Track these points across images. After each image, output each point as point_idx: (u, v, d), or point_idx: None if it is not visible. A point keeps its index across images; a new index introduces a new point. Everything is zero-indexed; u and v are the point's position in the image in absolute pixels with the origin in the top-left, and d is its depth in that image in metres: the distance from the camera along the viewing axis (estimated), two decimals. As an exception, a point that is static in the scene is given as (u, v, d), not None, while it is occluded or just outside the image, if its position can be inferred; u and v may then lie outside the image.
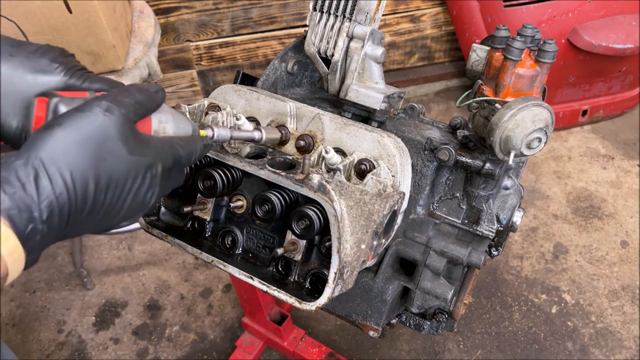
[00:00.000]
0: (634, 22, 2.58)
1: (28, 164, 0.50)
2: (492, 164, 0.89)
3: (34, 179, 0.50)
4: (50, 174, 0.50)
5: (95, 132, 0.54)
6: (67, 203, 0.51)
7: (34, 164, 0.50)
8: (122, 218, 0.59)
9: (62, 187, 0.51)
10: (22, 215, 0.49)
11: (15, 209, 0.48)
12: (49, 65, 0.63)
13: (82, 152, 0.53)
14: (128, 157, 0.56)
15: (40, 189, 0.50)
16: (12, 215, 0.48)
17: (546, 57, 0.82)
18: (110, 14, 1.64)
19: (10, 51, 0.63)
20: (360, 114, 0.97)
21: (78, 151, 0.52)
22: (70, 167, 0.52)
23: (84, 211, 0.54)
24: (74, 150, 0.52)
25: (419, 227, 0.98)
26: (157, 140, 0.61)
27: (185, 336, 2.05)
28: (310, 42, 0.94)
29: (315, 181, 0.73)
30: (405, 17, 2.95)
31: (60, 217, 0.51)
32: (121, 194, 0.57)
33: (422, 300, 0.99)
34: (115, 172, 0.55)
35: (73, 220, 0.53)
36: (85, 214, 0.54)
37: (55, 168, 0.51)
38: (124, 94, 0.59)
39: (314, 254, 0.88)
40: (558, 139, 2.89)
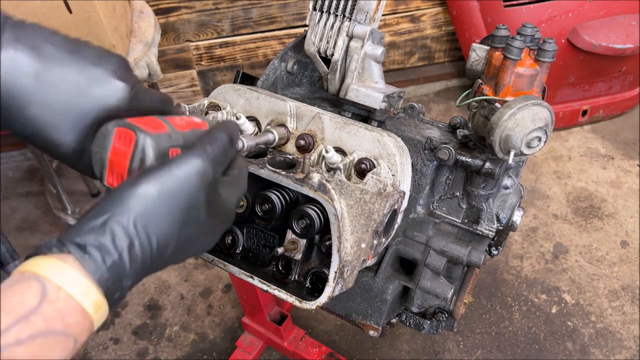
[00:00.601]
0: (634, 22, 2.58)
1: (124, 229, 0.49)
2: (492, 163, 0.89)
3: (128, 247, 0.48)
4: (141, 241, 0.49)
5: (188, 198, 0.52)
6: (148, 267, 0.51)
7: (129, 231, 0.49)
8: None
9: (148, 254, 0.50)
10: (115, 284, 0.49)
11: (111, 280, 0.48)
12: (109, 77, 0.57)
13: (172, 217, 0.51)
14: (207, 220, 0.55)
15: (132, 257, 0.49)
16: (107, 287, 0.48)
17: (546, 56, 0.82)
18: (110, 14, 1.64)
19: (70, 51, 0.57)
20: (360, 114, 0.97)
21: (168, 217, 0.51)
22: (158, 233, 0.50)
23: (155, 268, 0.53)
24: (165, 216, 0.51)
25: (419, 227, 0.98)
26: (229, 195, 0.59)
27: (185, 336, 2.05)
28: (310, 42, 0.94)
29: (316, 180, 0.73)
30: (405, 17, 2.95)
31: (137, 279, 0.52)
32: (188, 248, 0.56)
33: (422, 300, 0.99)
34: (193, 236, 0.54)
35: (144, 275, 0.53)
36: (155, 269, 0.54)
37: (145, 235, 0.50)
38: (213, 145, 0.56)
39: (314, 253, 0.88)
40: (558, 139, 2.89)
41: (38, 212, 2.56)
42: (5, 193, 2.65)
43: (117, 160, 0.56)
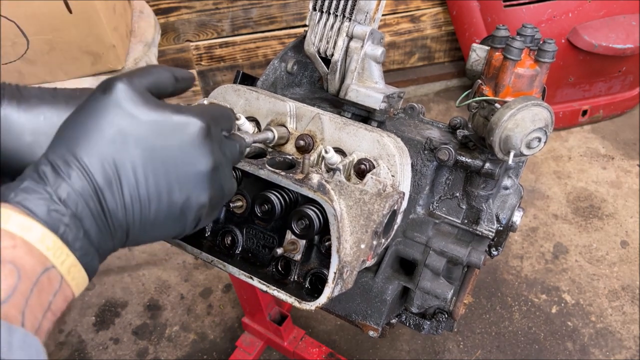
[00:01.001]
0: (634, 22, 2.58)
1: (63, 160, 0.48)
2: (491, 164, 0.89)
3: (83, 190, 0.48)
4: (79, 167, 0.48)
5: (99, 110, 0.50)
6: (118, 217, 0.49)
7: (67, 159, 0.48)
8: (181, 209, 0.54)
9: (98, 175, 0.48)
10: (70, 228, 0.46)
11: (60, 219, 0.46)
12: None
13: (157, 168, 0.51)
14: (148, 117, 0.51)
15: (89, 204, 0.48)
16: (58, 226, 0.46)
17: (546, 56, 0.82)
18: (110, 14, 1.64)
19: (52, 94, 0.61)
20: (360, 114, 0.97)
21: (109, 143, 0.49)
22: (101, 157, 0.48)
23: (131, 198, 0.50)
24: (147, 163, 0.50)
25: (418, 227, 0.97)
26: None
27: (185, 336, 2.05)
28: (310, 42, 0.94)
29: (315, 181, 0.73)
30: (405, 17, 2.95)
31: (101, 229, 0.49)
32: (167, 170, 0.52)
33: (421, 300, 0.99)
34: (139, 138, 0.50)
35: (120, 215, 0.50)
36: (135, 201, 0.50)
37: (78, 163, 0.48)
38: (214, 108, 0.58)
39: (314, 253, 0.88)
40: (558, 139, 2.89)
41: (38, 212, 2.56)
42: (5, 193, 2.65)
43: None
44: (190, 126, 0.53)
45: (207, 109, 0.57)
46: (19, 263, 0.43)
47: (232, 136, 0.63)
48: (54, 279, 0.45)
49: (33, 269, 0.43)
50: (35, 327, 0.43)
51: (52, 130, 0.55)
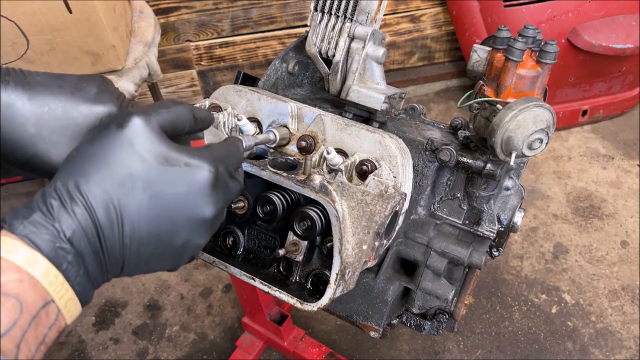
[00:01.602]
0: (634, 22, 2.58)
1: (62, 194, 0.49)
2: (493, 165, 0.89)
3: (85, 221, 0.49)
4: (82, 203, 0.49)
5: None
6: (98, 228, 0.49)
7: (64, 192, 0.49)
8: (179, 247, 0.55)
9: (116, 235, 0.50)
10: (71, 261, 0.47)
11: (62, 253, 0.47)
12: (97, 94, 0.61)
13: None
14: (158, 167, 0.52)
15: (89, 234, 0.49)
16: (60, 260, 0.46)
17: (547, 57, 0.82)
18: (110, 14, 1.64)
19: (58, 83, 0.60)
20: (362, 115, 0.97)
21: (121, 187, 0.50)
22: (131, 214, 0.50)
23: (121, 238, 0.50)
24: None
25: (420, 228, 0.97)
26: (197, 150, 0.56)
27: (185, 336, 2.05)
28: (312, 43, 0.94)
29: (317, 182, 0.73)
30: (405, 17, 2.95)
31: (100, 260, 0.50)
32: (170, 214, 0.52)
33: (422, 301, 0.99)
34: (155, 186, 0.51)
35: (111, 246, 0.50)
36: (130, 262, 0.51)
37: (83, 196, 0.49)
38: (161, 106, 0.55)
39: (316, 254, 0.88)
40: (558, 139, 2.89)
41: (38, 212, 2.55)
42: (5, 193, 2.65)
43: None
44: (201, 174, 0.53)
45: (219, 150, 0.57)
46: (22, 297, 0.43)
47: (236, 173, 0.62)
48: (51, 312, 0.46)
49: (34, 303, 0.44)
50: (30, 358, 0.44)
51: (56, 123, 0.56)
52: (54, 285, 0.46)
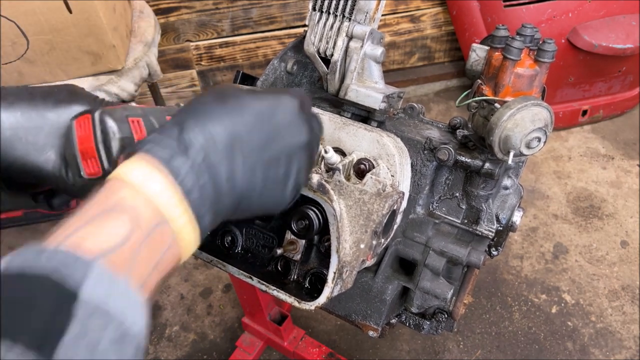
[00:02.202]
0: (634, 22, 2.58)
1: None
2: (491, 164, 0.89)
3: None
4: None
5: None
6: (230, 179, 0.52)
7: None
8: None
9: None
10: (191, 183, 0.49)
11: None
12: (69, 96, 0.64)
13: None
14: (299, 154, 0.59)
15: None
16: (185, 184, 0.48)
17: (545, 56, 0.82)
18: (110, 14, 1.64)
19: (29, 91, 0.63)
20: (360, 114, 0.97)
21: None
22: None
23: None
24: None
25: (418, 227, 0.97)
26: None
27: (185, 336, 2.05)
28: (310, 42, 0.94)
29: (315, 181, 0.73)
30: (405, 17, 2.95)
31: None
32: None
33: (421, 300, 0.99)
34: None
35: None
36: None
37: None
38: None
39: (314, 253, 0.88)
40: (558, 139, 2.89)
41: (38, 212, 2.56)
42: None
43: (85, 147, 0.58)
44: (288, 100, 0.59)
45: (295, 91, 0.63)
46: (135, 214, 0.44)
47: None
48: (166, 235, 0.46)
49: (148, 221, 0.45)
50: (141, 282, 0.44)
51: (30, 124, 0.60)
52: (168, 204, 0.46)
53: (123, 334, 0.38)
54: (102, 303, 0.38)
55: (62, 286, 0.37)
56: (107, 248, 0.41)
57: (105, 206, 0.44)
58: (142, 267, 0.44)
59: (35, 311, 0.35)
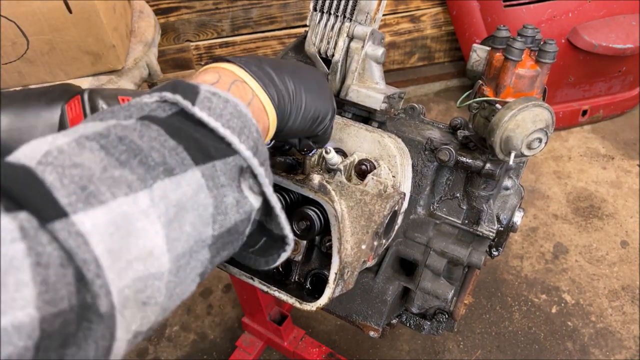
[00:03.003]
0: (634, 22, 2.58)
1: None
2: (492, 165, 0.89)
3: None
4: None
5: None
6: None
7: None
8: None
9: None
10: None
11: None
12: (63, 93, 0.67)
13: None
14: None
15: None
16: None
17: (547, 57, 0.82)
18: (110, 14, 1.64)
19: (24, 92, 0.67)
20: (361, 114, 0.97)
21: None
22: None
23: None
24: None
25: (419, 228, 0.97)
26: None
27: (185, 336, 2.05)
28: (311, 42, 0.94)
29: (316, 181, 0.73)
30: (405, 17, 2.95)
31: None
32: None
33: (422, 301, 0.99)
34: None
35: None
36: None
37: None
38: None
39: (315, 254, 0.88)
40: (558, 139, 2.89)
41: (38, 212, 2.55)
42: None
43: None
44: (319, 71, 0.78)
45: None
46: (218, 72, 0.56)
47: None
48: (246, 90, 0.57)
49: (229, 76, 0.57)
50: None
51: (24, 124, 0.63)
52: (245, 76, 0.58)
53: (240, 112, 0.50)
54: (218, 92, 0.50)
55: (187, 85, 0.50)
56: (206, 84, 0.52)
57: (197, 73, 0.57)
58: (237, 97, 0.54)
59: (177, 87, 0.49)
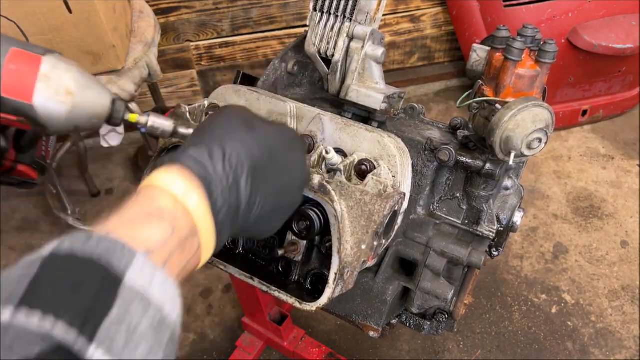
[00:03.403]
0: (634, 22, 2.58)
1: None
2: (492, 165, 0.89)
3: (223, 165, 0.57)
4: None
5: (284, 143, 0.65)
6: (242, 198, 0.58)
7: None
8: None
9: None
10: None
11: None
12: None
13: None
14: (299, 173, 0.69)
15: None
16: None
17: (546, 57, 0.82)
18: (110, 14, 1.64)
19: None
20: (361, 114, 0.97)
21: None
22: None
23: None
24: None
25: (419, 228, 0.98)
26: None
27: (185, 336, 2.05)
28: (311, 42, 0.94)
29: (316, 181, 0.73)
30: (405, 17, 2.94)
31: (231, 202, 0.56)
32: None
33: (422, 301, 0.99)
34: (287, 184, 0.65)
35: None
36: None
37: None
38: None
39: (315, 254, 0.88)
40: (558, 139, 2.89)
41: (38, 212, 2.55)
42: (5, 193, 2.65)
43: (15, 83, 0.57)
44: (290, 132, 0.68)
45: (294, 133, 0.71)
46: (174, 222, 0.49)
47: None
48: (194, 245, 0.51)
49: (184, 230, 0.50)
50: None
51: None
52: (202, 218, 0.51)
53: (161, 321, 0.41)
54: (144, 290, 0.40)
55: (109, 270, 0.39)
56: (149, 245, 0.45)
57: (148, 210, 0.49)
58: (173, 268, 0.48)
59: (81, 291, 0.37)
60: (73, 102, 0.62)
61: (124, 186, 2.66)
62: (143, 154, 2.74)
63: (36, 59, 0.59)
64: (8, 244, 2.41)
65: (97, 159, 2.78)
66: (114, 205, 0.47)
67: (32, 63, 0.58)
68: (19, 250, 2.39)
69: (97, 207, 2.54)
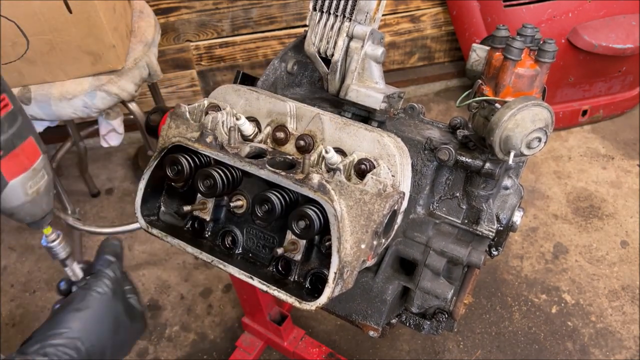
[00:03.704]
0: (634, 22, 2.58)
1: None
2: (492, 164, 0.89)
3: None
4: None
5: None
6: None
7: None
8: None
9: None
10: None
11: None
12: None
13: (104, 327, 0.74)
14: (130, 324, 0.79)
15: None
16: None
17: (546, 56, 0.82)
18: (110, 14, 1.64)
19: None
20: (360, 114, 0.97)
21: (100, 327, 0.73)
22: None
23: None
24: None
25: (419, 227, 0.98)
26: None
27: (185, 336, 2.05)
28: (310, 42, 0.94)
29: (315, 181, 0.73)
30: (405, 17, 2.95)
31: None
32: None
33: (422, 300, 0.99)
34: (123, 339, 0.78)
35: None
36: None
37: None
38: (112, 267, 0.79)
39: (314, 253, 0.88)
40: (558, 139, 2.89)
41: (38, 212, 2.55)
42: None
43: None
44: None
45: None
46: None
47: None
48: None
49: None
50: None
51: None
52: None
53: None
54: None
55: None
56: None
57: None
58: None
59: None
60: (32, 199, 0.71)
61: (124, 186, 2.66)
62: (143, 154, 2.74)
63: (37, 154, 0.70)
64: (8, 244, 2.41)
65: (97, 159, 2.78)
66: (114, 205, 0.47)
67: (32, 156, 0.69)
68: (19, 250, 2.39)
69: (97, 207, 2.54)
